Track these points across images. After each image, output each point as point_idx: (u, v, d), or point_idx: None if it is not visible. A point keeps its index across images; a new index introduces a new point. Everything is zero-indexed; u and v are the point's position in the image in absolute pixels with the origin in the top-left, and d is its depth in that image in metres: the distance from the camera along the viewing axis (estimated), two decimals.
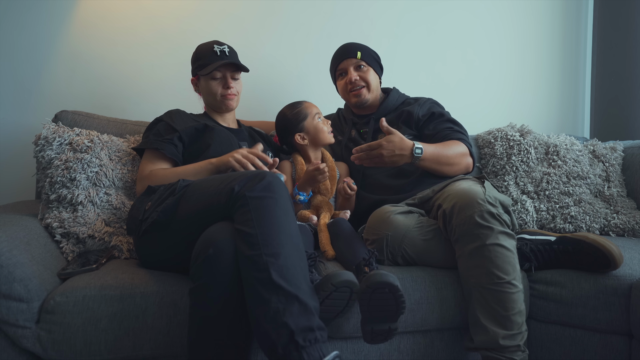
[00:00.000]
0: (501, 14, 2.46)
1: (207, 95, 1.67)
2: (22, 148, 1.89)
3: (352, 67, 1.76)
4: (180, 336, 1.18)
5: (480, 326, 1.25)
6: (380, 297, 1.14)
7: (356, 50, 1.76)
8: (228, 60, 1.60)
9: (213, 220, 1.14)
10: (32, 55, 1.94)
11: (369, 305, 1.14)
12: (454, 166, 1.59)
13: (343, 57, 1.77)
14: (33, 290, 1.14)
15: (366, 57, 1.77)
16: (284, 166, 1.71)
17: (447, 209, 1.31)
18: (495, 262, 1.24)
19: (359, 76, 1.75)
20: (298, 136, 1.71)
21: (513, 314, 1.23)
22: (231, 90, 1.63)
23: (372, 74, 1.78)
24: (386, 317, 1.17)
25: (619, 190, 1.90)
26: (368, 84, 1.76)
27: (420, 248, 1.39)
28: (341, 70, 1.79)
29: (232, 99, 1.65)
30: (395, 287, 1.13)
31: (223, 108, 1.66)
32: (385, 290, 1.13)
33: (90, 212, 1.47)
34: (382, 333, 1.18)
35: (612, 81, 2.34)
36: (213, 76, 1.62)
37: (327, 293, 1.09)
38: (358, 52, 1.75)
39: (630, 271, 1.36)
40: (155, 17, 2.07)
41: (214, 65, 1.59)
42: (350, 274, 1.10)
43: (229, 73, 1.63)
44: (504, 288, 1.23)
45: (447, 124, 1.69)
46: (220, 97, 1.63)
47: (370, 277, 1.13)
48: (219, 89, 1.63)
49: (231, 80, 1.63)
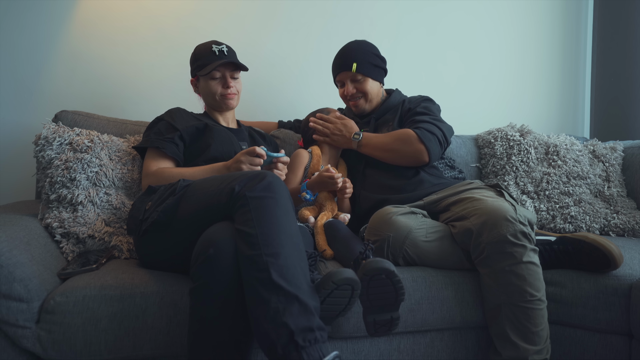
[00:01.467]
0: (501, 15, 2.46)
1: (206, 95, 1.67)
2: (22, 148, 1.89)
3: (349, 80, 1.75)
4: (180, 336, 1.18)
5: (510, 342, 1.26)
6: (378, 284, 1.13)
7: (352, 62, 1.72)
8: (227, 60, 1.60)
9: (213, 220, 1.14)
10: (32, 55, 1.94)
11: (368, 294, 1.14)
12: (393, 152, 1.63)
13: (339, 69, 1.77)
14: (33, 290, 1.14)
15: (363, 68, 1.73)
16: (301, 155, 1.71)
17: (477, 225, 1.31)
18: (528, 280, 1.25)
19: (356, 88, 1.75)
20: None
21: (541, 329, 1.26)
22: (231, 89, 1.63)
23: (369, 83, 1.76)
24: (387, 306, 1.17)
25: (619, 190, 1.90)
26: (365, 94, 1.76)
27: (422, 249, 1.39)
28: (339, 81, 1.80)
29: (232, 98, 1.65)
30: (392, 272, 1.12)
31: (223, 107, 1.66)
32: (382, 276, 1.13)
33: (90, 212, 1.47)
34: (385, 324, 1.18)
35: (612, 81, 2.34)
36: (212, 76, 1.62)
37: (329, 291, 1.09)
38: (354, 65, 1.71)
39: (630, 271, 1.36)
40: (156, 16, 2.07)
41: (212, 65, 1.59)
42: (351, 272, 1.10)
43: (228, 72, 1.63)
44: (535, 305, 1.25)
45: (413, 117, 1.69)
46: (219, 97, 1.64)
47: (366, 265, 1.13)
48: (219, 88, 1.63)
49: (230, 80, 1.63)
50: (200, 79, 1.65)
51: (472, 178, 2.02)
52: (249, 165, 1.36)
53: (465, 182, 1.59)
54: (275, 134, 1.95)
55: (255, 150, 1.36)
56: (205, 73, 1.60)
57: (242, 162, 1.36)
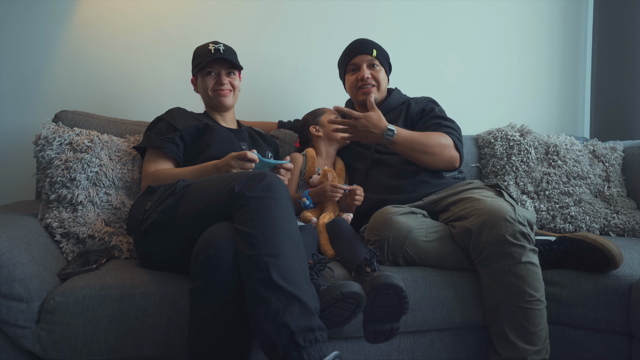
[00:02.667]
0: (501, 15, 2.46)
1: (202, 92, 1.70)
2: (22, 148, 1.89)
3: (366, 64, 1.73)
4: (180, 336, 1.18)
5: (508, 342, 1.26)
6: (384, 298, 1.14)
7: (372, 47, 1.73)
8: (220, 56, 1.62)
9: (213, 220, 1.14)
10: (32, 55, 1.94)
11: (372, 306, 1.14)
12: (432, 155, 1.58)
13: (358, 52, 1.74)
14: (33, 290, 1.14)
15: (380, 57, 1.76)
16: (295, 159, 1.72)
17: (476, 225, 1.31)
18: (527, 280, 1.25)
19: (372, 74, 1.74)
20: (313, 128, 1.76)
21: (540, 330, 1.25)
22: (224, 86, 1.65)
23: (383, 74, 1.77)
24: (389, 318, 1.17)
25: (619, 190, 1.90)
26: (379, 83, 1.75)
27: (422, 249, 1.39)
28: (354, 65, 1.76)
29: (226, 96, 1.66)
30: (400, 288, 1.13)
31: (217, 104, 1.67)
32: (389, 292, 1.13)
33: (90, 212, 1.47)
34: (384, 333, 1.19)
35: (612, 81, 2.34)
36: (206, 73, 1.65)
37: (334, 301, 1.08)
38: (374, 50, 1.73)
39: (630, 271, 1.36)
40: (156, 16, 2.07)
41: (206, 61, 1.62)
42: (358, 286, 1.10)
43: (223, 70, 1.65)
44: (534, 305, 1.25)
45: (436, 120, 1.68)
46: (212, 92, 1.66)
47: (375, 279, 1.13)
48: (211, 84, 1.65)
49: (225, 77, 1.65)
50: (198, 77, 1.69)
51: (472, 178, 2.02)
52: (239, 170, 1.35)
53: (464, 182, 1.59)
54: (275, 134, 1.95)
55: (246, 155, 1.34)
56: (199, 69, 1.64)
57: (232, 167, 1.35)
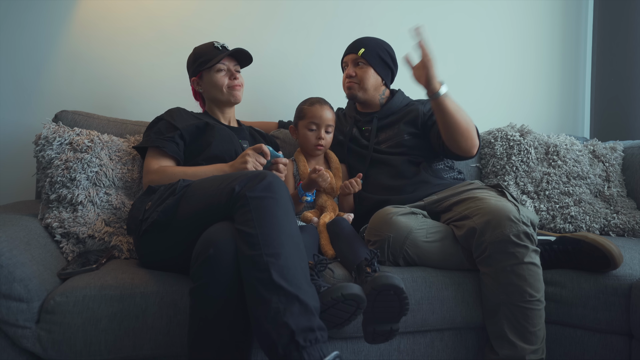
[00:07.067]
0: (501, 15, 2.46)
1: (212, 89, 1.66)
2: (22, 148, 1.89)
3: (351, 62, 1.78)
4: (180, 336, 1.18)
5: (507, 341, 1.27)
6: (385, 299, 1.14)
7: (360, 47, 1.76)
8: (233, 50, 1.64)
9: (213, 220, 1.14)
10: (32, 55, 1.94)
11: (373, 307, 1.14)
12: (466, 131, 1.54)
13: (348, 51, 1.81)
14: (33, 290, 1.14)
15: (369, 55, 1.75)
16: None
17: (480, 224, 1.31)
18: (528, 280, 1.26)
19: (355, 72, 1.77)
20: (292, 128, 1.78)
21: (538, 330, 1.26)
22: (237, 80, 1.66)
23: (369, 73, 1.76)
24: (389, 318, 1.17)
25: (619, 190, 1.90)
26: (361, 81, 1.76)
27: (423, 250, 1.39)
28: (345, 62, 1.83)
29: (239, 90, 1.68)
30: (400, 290, 1.13)
31: (231, 99, 1.67)
32: (390, 293, 1.13)
33: (90, 212, 1.47)
34: (384, 334, 1.19)
35: (612, 81, 2.34)
36: (218, 69, 1.64)
37: (335, 302, 1.08)
38: (361, 49, 1.75)
39: (630, 271, 1.36)
40: (156, 17, 2.07)
41: (218, 57, 1.62)
42: (359, 288, 1.11)
43: (232, 65, 1.67)
44: (534, 306, 1.26)
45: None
46: (227, 89, 1.65)
47: (375, 280, 1.13)
48: (225, 80, 1.65)
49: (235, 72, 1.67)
50: (205, 75, 1.66)
51: (472, 178, 2.02)
52: (254, 161, 1.37)
53: (465, 183, 1.59)
54: (275, 133, 1.95)
55: (262, 148, 1.39)
56: (210, 66, 1.62)
57: (249, 156, 1.37)
